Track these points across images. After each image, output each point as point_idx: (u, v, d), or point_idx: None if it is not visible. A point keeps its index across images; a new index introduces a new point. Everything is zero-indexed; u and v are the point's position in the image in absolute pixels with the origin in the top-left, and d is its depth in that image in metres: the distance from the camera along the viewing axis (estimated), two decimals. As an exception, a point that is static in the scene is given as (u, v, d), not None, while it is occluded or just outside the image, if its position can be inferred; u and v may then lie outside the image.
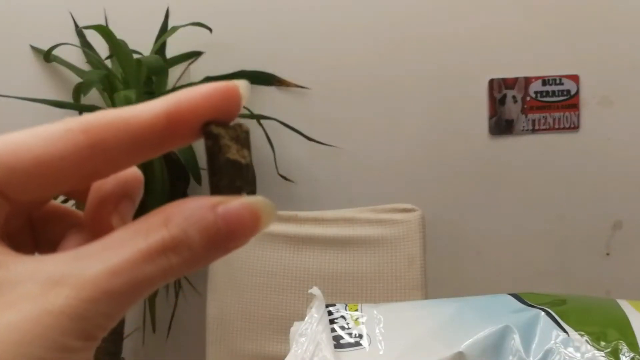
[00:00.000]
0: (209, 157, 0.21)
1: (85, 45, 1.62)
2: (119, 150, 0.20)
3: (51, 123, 0.19)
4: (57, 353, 0.17)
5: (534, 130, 1.63)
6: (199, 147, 1.51)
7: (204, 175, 1.31)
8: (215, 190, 0.21)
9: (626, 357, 0.61)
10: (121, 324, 1.50)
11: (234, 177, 0.21)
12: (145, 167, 1.40)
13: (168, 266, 0.18)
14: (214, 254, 0.19)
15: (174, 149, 0.22)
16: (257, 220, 0.20)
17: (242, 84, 0.21)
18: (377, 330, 0.71)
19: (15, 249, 0.19)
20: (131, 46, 1.47)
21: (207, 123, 0.21)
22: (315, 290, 0.77)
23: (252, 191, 0.21)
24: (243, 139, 0.21)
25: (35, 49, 1.65)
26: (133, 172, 0.23)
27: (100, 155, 0.19)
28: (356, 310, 0.76)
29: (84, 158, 0.19)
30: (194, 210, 0.19)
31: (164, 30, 1.59)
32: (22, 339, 0.16)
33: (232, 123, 0.21)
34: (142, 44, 1.56)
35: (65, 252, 0.18)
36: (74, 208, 0.25)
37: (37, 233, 0.23)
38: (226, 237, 0.19)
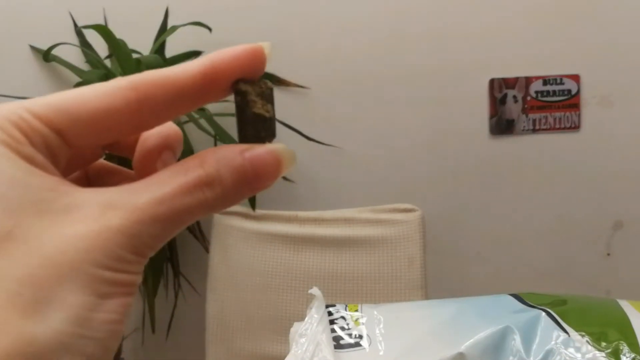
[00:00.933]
0: (238, 111, 0.24)
1: (85, 44, 1.62)
2: (162, 105, 0.23)
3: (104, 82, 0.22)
4: (114, 262, 0.20)
5: (534, 130, 1.63)
6: (198, 145, 1.51)
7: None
8: (243, 139, 0.24)
9: (627, 357, 0.61)
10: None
11: (259, 128, 0.24)
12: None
13: (204, 199, 0.21)
14: (242, 191, 0.22)
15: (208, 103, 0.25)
16: (279, 164, 0.23)
17: (266, 45, 0.25)
18: (377, 331, 0.71)
19: None
20: (130, 46, 1.47)
21: (236, 81, 0.24)
22: (315, 291, 0.77)
23: (273, 140, 0.24)
24: (267, 95, 0.24)
25: (35, 49, 1.65)
26: (173, 128, 0.26)
27: (147, 108, 0.22)
28: (356, 310, 0.76)
29: (133, 110, 0.22)
30: (226, 154, 0.22)
31: (164, 30, 1.59)
32: (88, 246, 0.19)
33: (257, 81, 0.24)
34: (141, 43, 1.56)
35: (119, 186, 0.22)
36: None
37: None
38: (253, 177, 0.22)
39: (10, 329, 0.18)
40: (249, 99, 0.24)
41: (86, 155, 0.27)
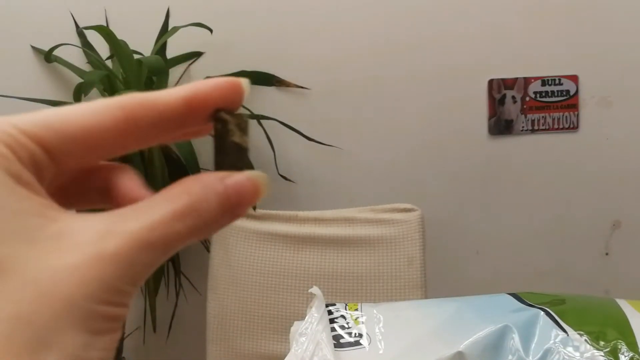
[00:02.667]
0: (217, 139, 0.25)
1: (86, 45, 1.62)
2: (147, 126, 0.23)
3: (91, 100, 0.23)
4: (109, 294, 0.19)
5: (533, 131, 1.63)
6: (199, 146, 1.51)
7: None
8: (219, 167, 0.25)
9: (625, 356, 0.61)
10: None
11: (237, 157, 0.25)
12: (146, 165, 1.40)
13: (193, 225, 0.22)
14: (225, 218, 0.23)
15: (188, 138, 0.26)
16: (257, 190, 0.23)
17: (244, 81, 0.25)
18: (377, 330, 0.71)
19: None
20: (132, 46, 1.48)
21: (216, 110, 0.24)
22: (315, 290, 0.77)
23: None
24: (244, 127, 0.25)
25: (36, 49, 1.65)
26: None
27: (133, 128, 0.23)
28: (356, 309, 0.76)
29: (121, 130, 0.22)
30: (209, 182, 0.22)
31: (165, 31, 1.59)
32: (82, 278, 0.19)
33: (236, 113, 0.25)
34: (142, 44, 1.56)
35: (110, 212, 0.21)
36: None
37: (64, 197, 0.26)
38: (236, 204, 0.23)
39: None
40: (229, 127, 0.24)
41: (68, 173, 0.26)
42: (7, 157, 0.20)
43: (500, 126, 1.64)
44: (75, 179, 0.26)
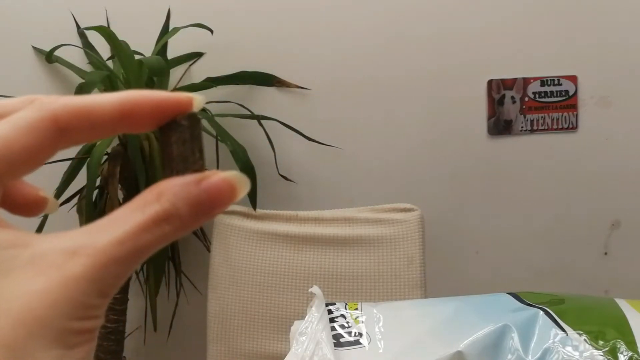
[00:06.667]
0: (160, 148, 0.25)
1: (87, 46, 1.62)
2: (81, 134, 0.24)
3: (22, 107, 0.23)
4: (80, 310, 0.20)
5: (532, 131, 1.63)
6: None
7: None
8: (166, 175, 0.25)
9: (624, 356, 0.62)
10: (122, 323, 1.51)
11: (182, 166, 0.24)
12: (146, 166, 1.41)
13: (162, 234, 0.22)
14: (200, 219, 0.23)
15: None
16: (234, 190, 0.23)
17: (198, 98, 0.25)
18: (377, 329, 0.72)
19: None
20: (132, 47, 1.48)
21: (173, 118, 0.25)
22: (315, 289, 0.77)
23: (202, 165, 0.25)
24: (191, 134, 0.25)
25: (37, 50, 1.66)
26: None
27: (66, 138, 0.24)
28: (356, 309, 0.77)
29: (55, 141, 0.23)
30: (181, 186, 0.23)
31: (165, 31, 1.59)
32: (54, 300, 0.20)
33: (189, 116, 0.25)
34: (143, 44, 1.56)
35: (79, 229, 0.22)
36: None
37: None
38: (209, 206, 0.23)
39: None
40: (170, 137, 0.25)
41: None
42: None
43: (500, 126, 1.64)
44: None
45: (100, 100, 0.24)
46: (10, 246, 0.21)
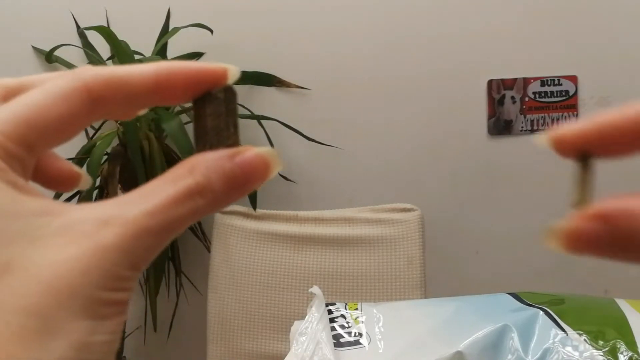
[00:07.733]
0: (194, 120, 0.25)
1: (87, 46, 1.62)
2: (114, 105, 0.24)
3: (56, 78, 0.23)
4: (111, 280, 0.20)
5: (532, 131, 1.63)
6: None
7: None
8: (199, 149, 0.24)
9: (624, 356, 0.62)
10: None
11: (216, 139, 0.24)
12: (146, 164, 1.41)
13: (194, 208, 0.22)
14: (233, 195, 0.23)
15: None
16: (268, 167, 0.23)
17: (233, 69, 0.25)
18: (377, 329, 0.72)
19: None
20: (132, 47, 1.48)
21: (200, 90, 0.24)
22: (315, 290, 0.77)
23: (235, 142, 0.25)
24: (226, 107, 0.24)
25: (37, 50, 1.66)
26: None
27: (100, 109, 0.23)
28: (356, 309, 0.77)
29: (89, 112, 0.23)
30: (215, 160, 0.22)
31: (165, 31, 1.59)
32: (84, 268, 0.20)
33: (225, 88, 0.24)
34: (143, 45, 1.56)
35: (111, 200, 0.22)
36: None
37: None
38: (243, 181, 0.23)
39: None
40: (206, 109, 0.24)
41: None
42: (2, 168, 0.21)
43: (500, 126, 1.64)
44: None
45: (135, 70, 0.23)
46: (41, 214, 0.21)
